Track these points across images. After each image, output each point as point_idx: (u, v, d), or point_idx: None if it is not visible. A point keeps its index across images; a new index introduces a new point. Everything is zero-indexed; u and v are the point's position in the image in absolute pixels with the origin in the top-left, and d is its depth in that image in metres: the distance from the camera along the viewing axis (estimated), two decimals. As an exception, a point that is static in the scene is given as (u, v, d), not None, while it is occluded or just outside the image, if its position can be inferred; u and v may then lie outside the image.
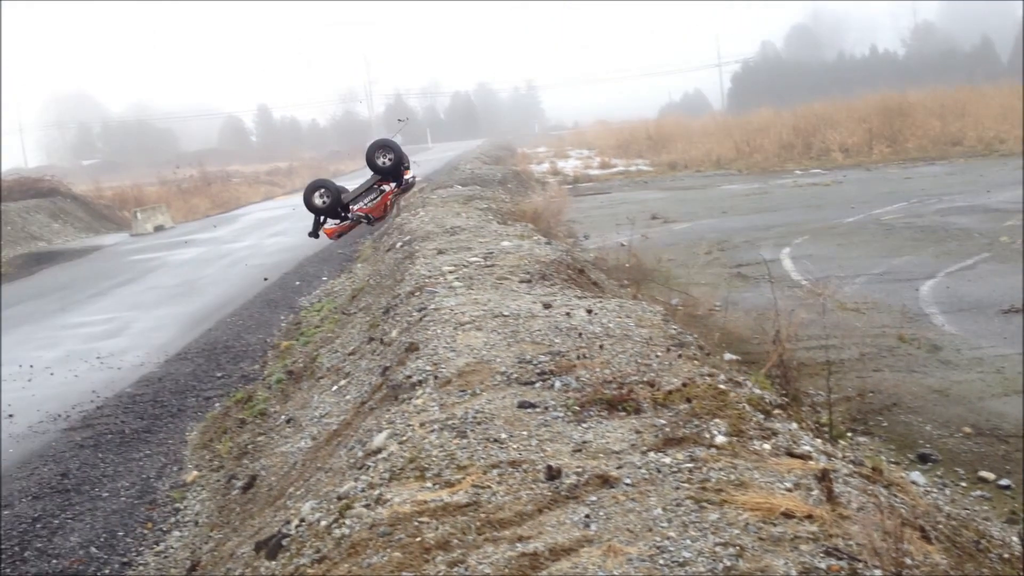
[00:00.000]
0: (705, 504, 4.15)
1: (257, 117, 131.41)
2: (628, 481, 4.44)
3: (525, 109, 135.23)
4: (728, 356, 8.85)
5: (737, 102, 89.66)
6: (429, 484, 4.72)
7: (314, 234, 9.03)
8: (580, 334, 7.01)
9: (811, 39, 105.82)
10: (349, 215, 8.88)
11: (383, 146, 8.96)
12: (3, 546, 7.27)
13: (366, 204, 8.92)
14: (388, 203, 9.07)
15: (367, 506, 4.66)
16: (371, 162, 8.87)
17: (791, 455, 4.87)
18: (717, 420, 5.18)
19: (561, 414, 5.46)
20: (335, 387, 9.05)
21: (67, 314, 17.40)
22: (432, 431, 5.40)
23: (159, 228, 33.08)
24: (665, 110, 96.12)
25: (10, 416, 10.72)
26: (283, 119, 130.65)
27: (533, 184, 34.19)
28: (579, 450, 4.92)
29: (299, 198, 9.24)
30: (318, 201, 8.91)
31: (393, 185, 8.91)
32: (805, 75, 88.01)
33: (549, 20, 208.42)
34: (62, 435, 9.95)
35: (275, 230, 28.90)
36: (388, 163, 8.88)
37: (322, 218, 8.94)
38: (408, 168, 8.99)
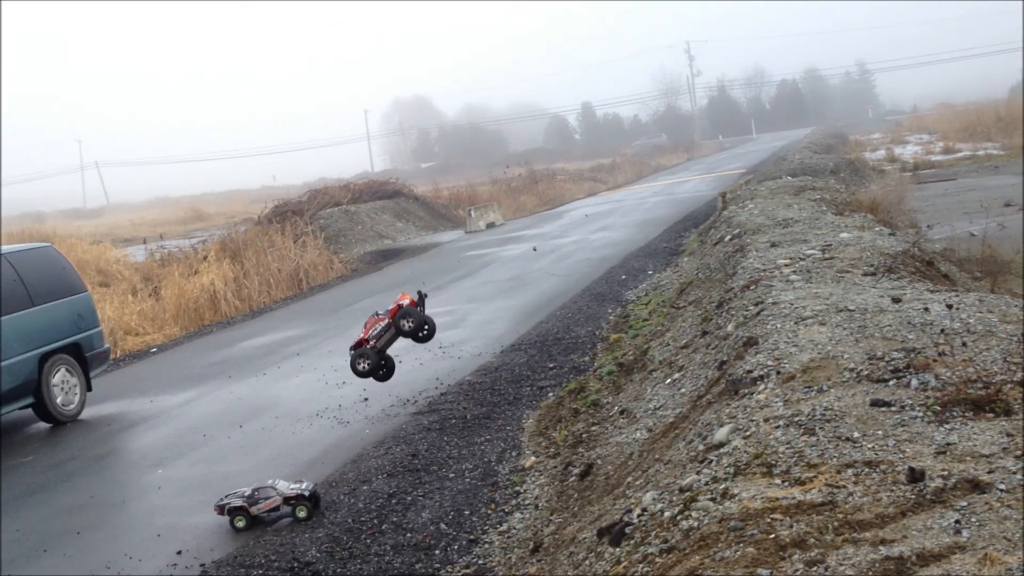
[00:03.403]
0: (1099, 518, 3.69)
1: (580, 115, 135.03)
2: (1002, 487, 4.04)
3: (857, 95, 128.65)
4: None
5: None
6: (778, 481, 4.55)
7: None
8: (942, 330, 6.50)
9: None
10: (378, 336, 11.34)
11: (406, 315, 11.23)
12: (363, 519, 7.88)
13: (374, 335, 11.30)
14: (366, 336, 11.30)
15: (713, 500, 4.58)
16: (397, 324, 11.26)
17: None
18: (1106, 426, 4.61)
19: (920, 414, 5.07)
20: (668, 380, 9.02)
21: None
22: (777, 427, 5.22)
23: (491, 225, 34.71)
24: (1017, 89, 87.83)
25: (365, 399, 11.64)
26: (605, 116, 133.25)
27: (869, 172, 32.47)
28: (943, 452, 4.55)
29: (623, 194, 9.77)
30: (405, 325, 11.25)
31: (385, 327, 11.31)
32: None
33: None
34: (411, 418, 10.66)
35: (600, 225, 29.44)
36: (409, 327, 11.28)
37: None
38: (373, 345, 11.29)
